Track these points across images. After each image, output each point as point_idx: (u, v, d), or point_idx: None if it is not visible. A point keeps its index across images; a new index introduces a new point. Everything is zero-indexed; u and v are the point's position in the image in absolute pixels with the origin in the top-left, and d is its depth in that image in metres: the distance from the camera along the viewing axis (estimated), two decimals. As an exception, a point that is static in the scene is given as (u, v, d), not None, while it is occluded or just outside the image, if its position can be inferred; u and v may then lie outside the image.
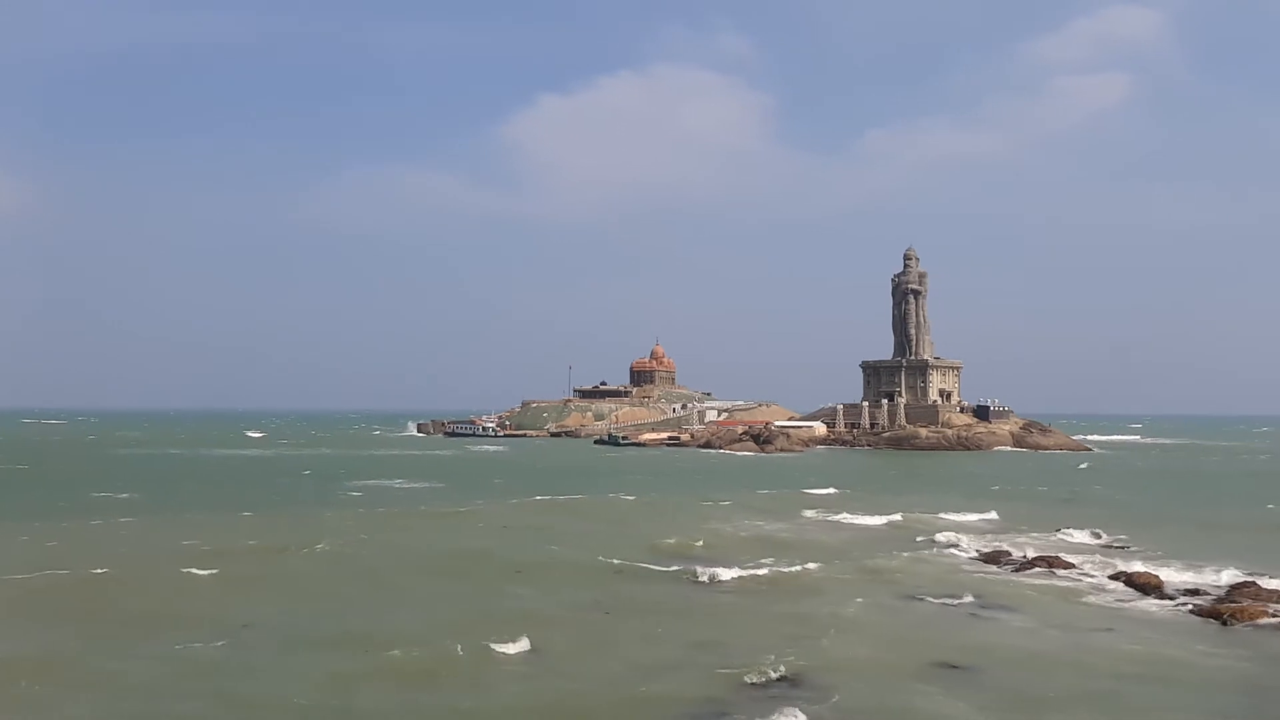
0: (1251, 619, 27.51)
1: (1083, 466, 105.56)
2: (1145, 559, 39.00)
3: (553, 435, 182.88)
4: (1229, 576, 34.41)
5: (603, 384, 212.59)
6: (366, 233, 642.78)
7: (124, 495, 62.33)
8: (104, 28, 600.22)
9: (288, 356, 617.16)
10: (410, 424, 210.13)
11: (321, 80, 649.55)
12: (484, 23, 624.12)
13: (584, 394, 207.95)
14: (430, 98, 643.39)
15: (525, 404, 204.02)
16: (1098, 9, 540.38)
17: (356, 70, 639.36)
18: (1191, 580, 33.87)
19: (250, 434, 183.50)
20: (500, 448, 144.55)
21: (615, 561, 36.58)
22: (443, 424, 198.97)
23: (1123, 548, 42.19)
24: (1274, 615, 27.71)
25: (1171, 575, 34.61)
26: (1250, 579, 33.55)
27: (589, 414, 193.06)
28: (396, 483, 76.34)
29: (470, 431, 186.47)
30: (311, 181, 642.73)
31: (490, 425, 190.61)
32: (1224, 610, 28.50)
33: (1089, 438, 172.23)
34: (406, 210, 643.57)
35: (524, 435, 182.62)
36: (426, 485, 74.35)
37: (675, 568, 35.68)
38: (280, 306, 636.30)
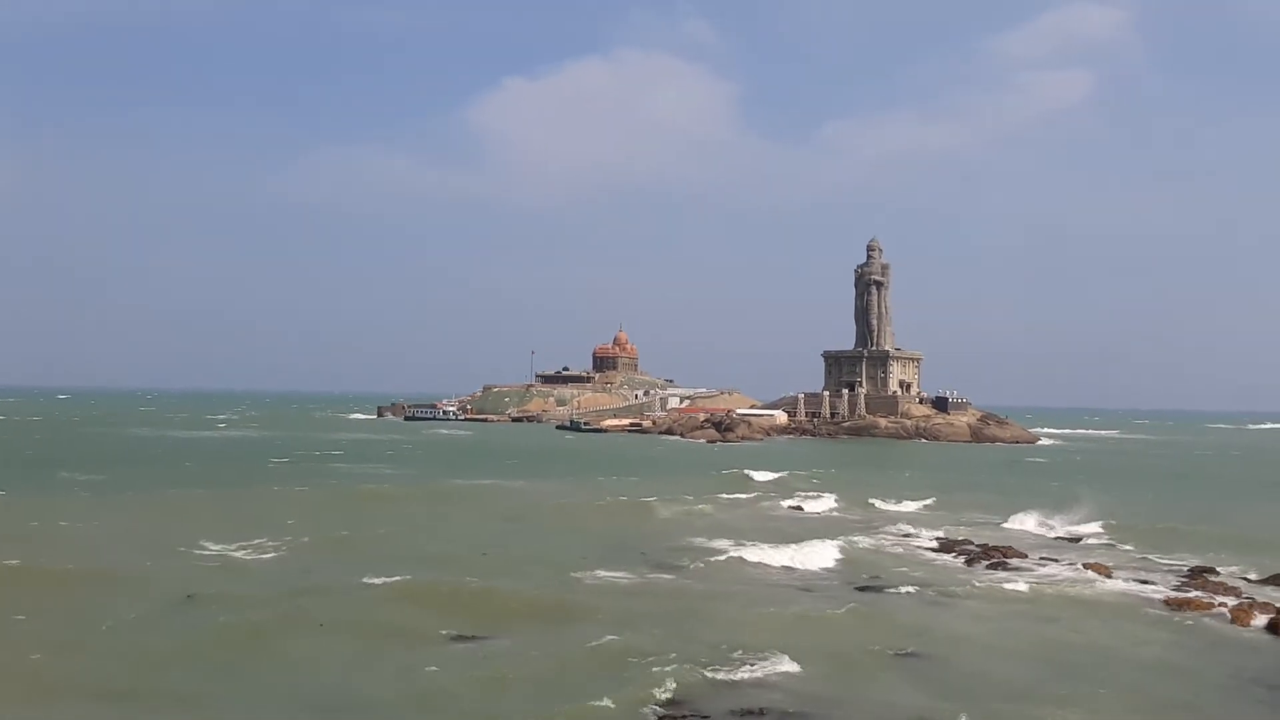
0: (1199, 610, 27.77)
1: (1037, 459, 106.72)
2: (1097, 549, 39.44)
3: (514, 420, 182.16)
4: (1179, 567, 34.87)
5: (565, 369, 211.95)
6: (330, 213, 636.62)
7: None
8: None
9: (245, 336, 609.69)
10: (381, 407, 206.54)
11: (288, 60, 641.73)
12: (451, 5, 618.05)
13: (546, 379, 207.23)
14: (396, 79, 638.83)
15: (487, 388, 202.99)
16: (1063, 6, 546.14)
17: (324, 51, 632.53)
18: (1142, 570, 34.21)
19: (215, 417, 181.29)
20: (462, 431, 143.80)
21: (576, 555, 36.32)
22: (403, 407, 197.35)
23: (1075, 539, 42.54)
24: (1221, 606, 27.98)
25: (1122, 565, 34.98)
26: (1201, 569, 34.00)
27: (551, 399, 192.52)
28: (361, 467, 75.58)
29: (431, 415, 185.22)
30: (276, 161, 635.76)
31: (451, 409, 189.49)
32: (1172, 600, 28.79)
33: (1045, 430, 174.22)
34: (371, 191, 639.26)
35: (485, 420, 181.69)
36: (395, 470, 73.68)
37: (633, 556, 35.48)
38: (240, 286, 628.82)
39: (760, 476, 67.34)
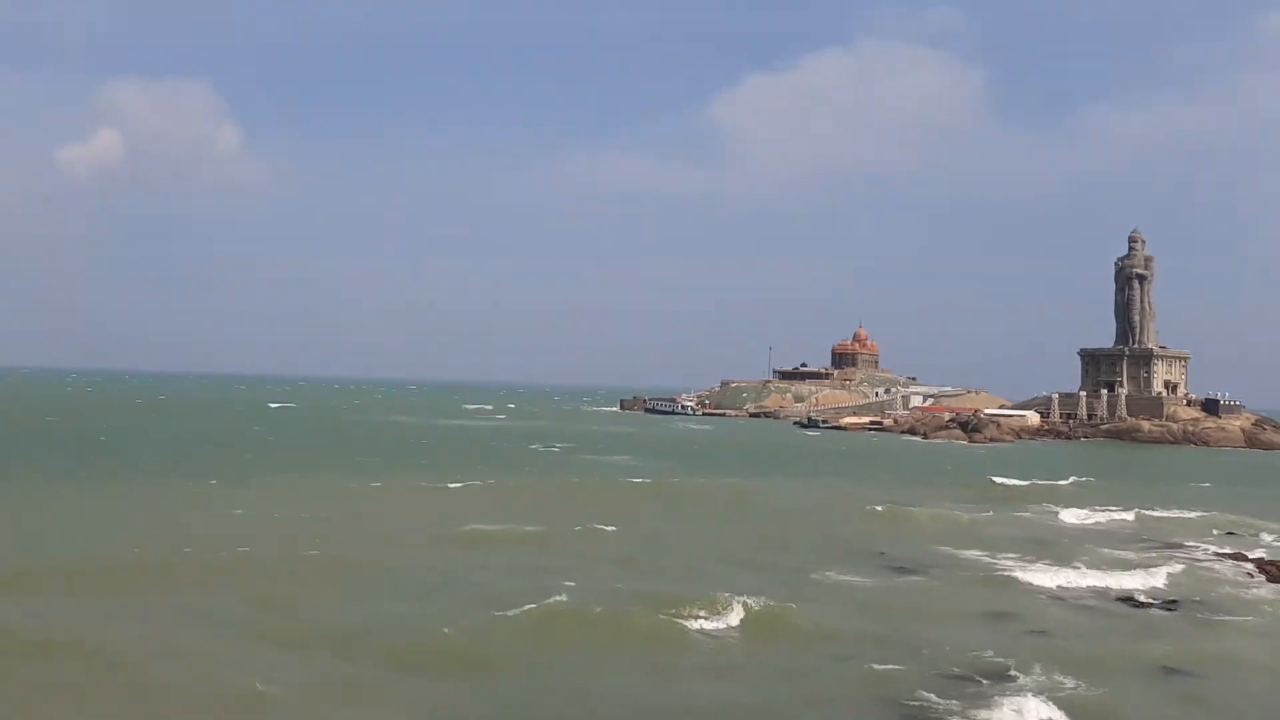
0: None
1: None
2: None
3: (751, 415, 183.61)
4: None
5: (803, 365, 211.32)
6: (575, 210, 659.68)
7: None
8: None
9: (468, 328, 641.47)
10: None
11: (528, 65, 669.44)
12: (686, 4, 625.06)
13: (784, 375, 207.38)
14: (636, 79, 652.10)
15: (725, 383, 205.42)
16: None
17: (559, 54, 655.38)
18: None
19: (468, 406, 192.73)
20: (704, 426, 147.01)
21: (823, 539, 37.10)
22: (643, 400, 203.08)
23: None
24: None
25: None
26: None
27: (788, 395, 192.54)
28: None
29: (670, 409, 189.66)
30: (520, 163, 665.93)
31: (690, 404, 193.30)
32: None
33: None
34: (609, 195, 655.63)
35: (723, 414, 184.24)
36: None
37: (877, 560, 35.91)
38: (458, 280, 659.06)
39: (1014, 481, 65.35)
